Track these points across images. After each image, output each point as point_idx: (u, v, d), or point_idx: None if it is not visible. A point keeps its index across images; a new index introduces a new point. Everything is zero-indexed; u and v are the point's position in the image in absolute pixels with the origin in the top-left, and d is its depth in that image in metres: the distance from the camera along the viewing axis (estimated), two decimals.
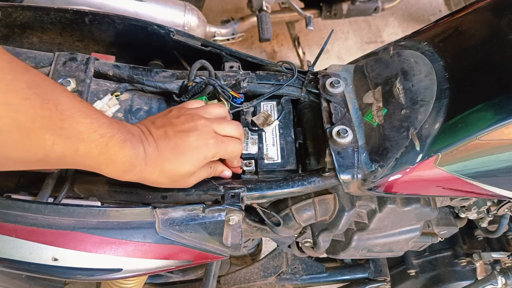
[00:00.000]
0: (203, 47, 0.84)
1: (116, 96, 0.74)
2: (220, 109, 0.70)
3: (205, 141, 0.63)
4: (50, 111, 0.48)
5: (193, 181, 0.67)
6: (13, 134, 0.46)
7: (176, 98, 0.77)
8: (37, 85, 0.48)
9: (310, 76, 0.81)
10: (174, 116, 0.65)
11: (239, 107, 0.77)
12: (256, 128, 0.76)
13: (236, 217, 0.69)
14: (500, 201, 0.92)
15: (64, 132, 0.50)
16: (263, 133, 0.77)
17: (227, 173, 0.72)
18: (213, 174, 0.70)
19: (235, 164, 0.72)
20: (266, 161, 0.75)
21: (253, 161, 0.74)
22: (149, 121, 0.65)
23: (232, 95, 0.76)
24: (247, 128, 0.77)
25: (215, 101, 0.75)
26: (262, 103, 0.81)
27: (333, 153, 0.70)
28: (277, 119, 0.77)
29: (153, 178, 0.61)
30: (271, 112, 0.80)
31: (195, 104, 0.71)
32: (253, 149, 0.75)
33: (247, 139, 0.76)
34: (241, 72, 0.81)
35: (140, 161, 0.58)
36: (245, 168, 0.74)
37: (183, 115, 0.65)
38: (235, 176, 0.76)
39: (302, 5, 2.03)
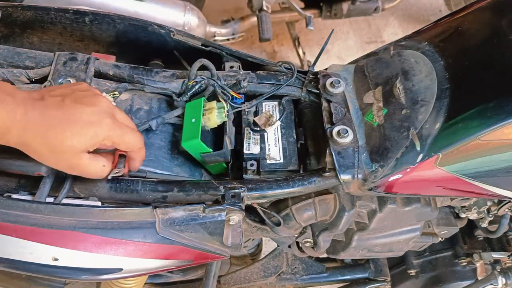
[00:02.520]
0: (203, 47, 0.84)
1: (113, 95, 0.74)
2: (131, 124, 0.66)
3: (100, 118, 0.58)
4: None
5: (78, 163, 0.59)
6: None
7: (175, 98, 0.77)
8: None
9: (311, 76, 0.81)
10: (80, 89, 0.61)
11: (239, 107, 0.77)
12: (258, 129, 0.76)
13: (236, 217, 0.69)
14: (501, 201, 0.92)
15: None
16: (265, 133, 0.77)
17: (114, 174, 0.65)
18: (104, 172, 0.63)
19: (136, 164, 0.66)
20: (268, 161, 0.75)
21: (255, 161, 0.74)
22: (47, 89, 0.60)
23: (232, 95, 0.76)
24: (248, 128, 0.77)
25: (214, 102, 0.74)
26: (263, 103, 0.81)
27: (333, 153, 0.70)
28: (279, 119, 0.77)
29: (33, 146, 0.56)
30: (272, 112, 0.80)
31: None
32: (255, 149, 0.75)
33: (249, 139, 0.76)
34: (241, 72, 0.81)
35: (17, 124, 0.53)
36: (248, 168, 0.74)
37: (89, 91, 0.61)
38: (237, 176, 0.76)
39: (302, 5, 2.03)
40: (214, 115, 0.73)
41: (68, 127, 0.56)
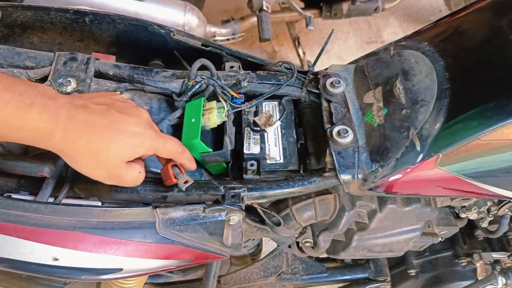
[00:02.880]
0: (203, 47, 0.84)
1: None
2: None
3: (145, 129, 0.59)
4: None
5: (118, 173, 0.58)
6: None
7: (175, 98, 0.77)
8: None
9: (311, 76, 0.81)
10: (119, 99, 0.61)
11: (238, 107, 0.77)
12: (258, 129, 0.76)
13: (236, 217, 0.69)
14: (501, 201, 0.92)
15: None
16: (265, 133, 0.77)
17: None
18: (140, 179, 0.63)
19: (188, 165, 0.68)
20: (268, 161, 0.75)
21: (255, 161, 0.74)
22: (87, 96, 0.60)
23: (232, 95, 0.76)
24: (249, 128, 0.77)
25: (214, 102, 0.74)
26: (263, 103, 0.81)
27: (333, 153, 0.70)
28: (279, 119, 0.77)
29: (73, 152, 0.55)
30: (273, 112, 0.80)
31: None
32: (255, 149, 0.75)
33: (249, 139, 0.76)
34: (241, 72, 0.81)
35: (61, 128, 0.52)
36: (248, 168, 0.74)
37: (128, 103, 0.62)
38: (237, 176, 0.76)
39: (302, 5, 2.03)
40: (214, 115, 0.73)
41: (114, 136, 0.56)
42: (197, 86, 0.76)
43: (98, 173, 0.58)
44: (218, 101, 0.75)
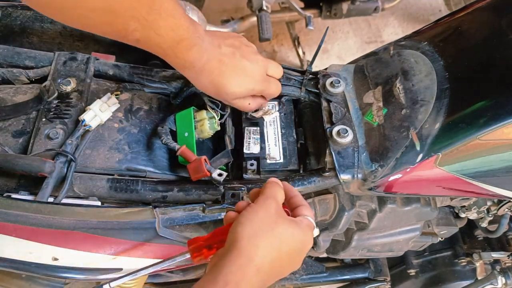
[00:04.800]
0: None
1: (116, 95, 0.74)
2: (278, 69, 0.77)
3: (258, 74, 0.71)
4: (140, 4, 0.56)
5: (232, 103, 0.72)
6: (105, 16, 0.56)
7: (172, 101, 0.78)
8: None
9: (309, 75, 0.81)
10: (245, 43, 0.72)
11: (224, 113, 0.76)
12: (255, 121, 0.76)
13: None
14: (500, 201, 0.92)
15: (146, 24, 0.57)
16: (265, 131, 0.77)
17: (258, 114, 0.77)
18: (249, 108, 0.74)
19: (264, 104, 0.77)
20: (268, 161, 0.75)
21: (255, 161, 0.74)
22: (221, 36, 0.70)
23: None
24: (249, 128, 0.77)
25: (204, 112, 0.75)
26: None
27: (333, 153, 0.70)
28: (277, 110, 0.78)
29: (204, 83, 0.68)
30: (272, 108, 0.80)
31: None
32: (255, 149, 0.75)
33: (249, 139, 0.76)
34: None
35: (201, 64, 0.65)
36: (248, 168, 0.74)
37: (251, 47, 0.73)
38: (237, 176, 0.76)
39: (302, 4, 2.03)
40: (206, 126, 0.73)
41: (236, 78, 0.68)
42: (190, 89, 0.76)
43: (219, 98, 0.72)
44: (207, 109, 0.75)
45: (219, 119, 0.75)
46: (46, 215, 0.62)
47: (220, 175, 0.67)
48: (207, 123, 0.74)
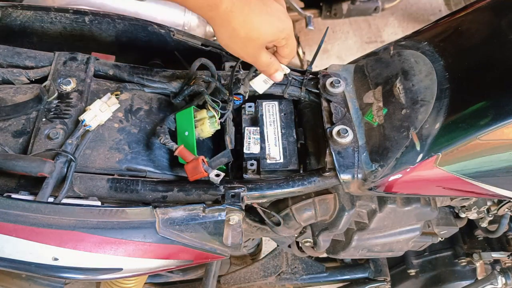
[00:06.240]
0: (203, 47, 0.84)
1: (116, 95, 0.74)
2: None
3: (287, 19, 0.67)
4: None
5: (259, 53, 0.67)
6: None
7: (172, 100, 0.78)
8: None
9: (309, 75, 0.81)
10: None
11: (224, 112, 0.76)
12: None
13: (236, 217, 0.69)
14: (500, 201, 0.92)
15: None
16: (265, 131, 0.77)
17: (279, 75, 0.72)
18: (270, 66, 0.70)
19: (280, 66, 0.73)
20: (268, 161, 0.75)
21: (255, 161, 0.74)
22: None
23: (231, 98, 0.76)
24: (249, 128, 0.77)
25: (205, 111, 0.74)
26: (263, 103, 0.81)
27: (333, 153, 0.70)
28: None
29: (234, 25, 0.63)
30: (273, 112, 0.80)
31: None
32: (255, 149, 0.75)
33: (249, 139, 0.76)
34: (241, 72, 0.81)
35: (227, 4, 0.61)
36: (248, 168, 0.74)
37: None
38: (237, 176, 0.77)
39: (302, 4, 2.03)
40: (207, 125, 0.73)
41: (265, 16, 0.64)
42: (190, 88, 0.76)
43: (246, 50, 0.67)
44: (207, 109, 0.75)
45: (219, 118, 0.75)
46: (46, 215, 0.62)
47: (217, 175, 0.67)
48: (207, 122, 0.73)
